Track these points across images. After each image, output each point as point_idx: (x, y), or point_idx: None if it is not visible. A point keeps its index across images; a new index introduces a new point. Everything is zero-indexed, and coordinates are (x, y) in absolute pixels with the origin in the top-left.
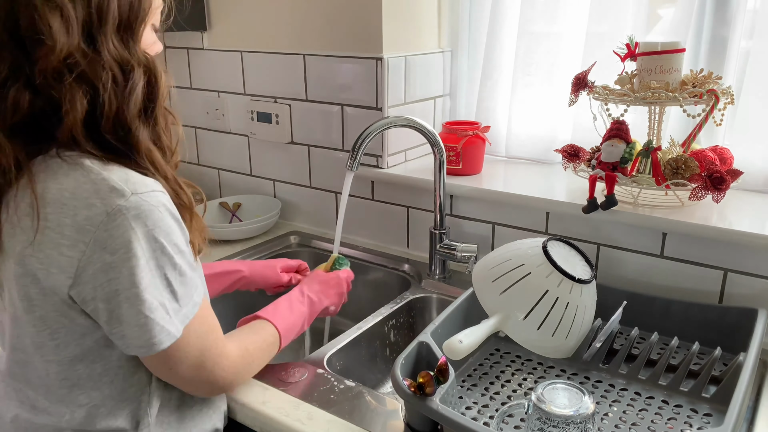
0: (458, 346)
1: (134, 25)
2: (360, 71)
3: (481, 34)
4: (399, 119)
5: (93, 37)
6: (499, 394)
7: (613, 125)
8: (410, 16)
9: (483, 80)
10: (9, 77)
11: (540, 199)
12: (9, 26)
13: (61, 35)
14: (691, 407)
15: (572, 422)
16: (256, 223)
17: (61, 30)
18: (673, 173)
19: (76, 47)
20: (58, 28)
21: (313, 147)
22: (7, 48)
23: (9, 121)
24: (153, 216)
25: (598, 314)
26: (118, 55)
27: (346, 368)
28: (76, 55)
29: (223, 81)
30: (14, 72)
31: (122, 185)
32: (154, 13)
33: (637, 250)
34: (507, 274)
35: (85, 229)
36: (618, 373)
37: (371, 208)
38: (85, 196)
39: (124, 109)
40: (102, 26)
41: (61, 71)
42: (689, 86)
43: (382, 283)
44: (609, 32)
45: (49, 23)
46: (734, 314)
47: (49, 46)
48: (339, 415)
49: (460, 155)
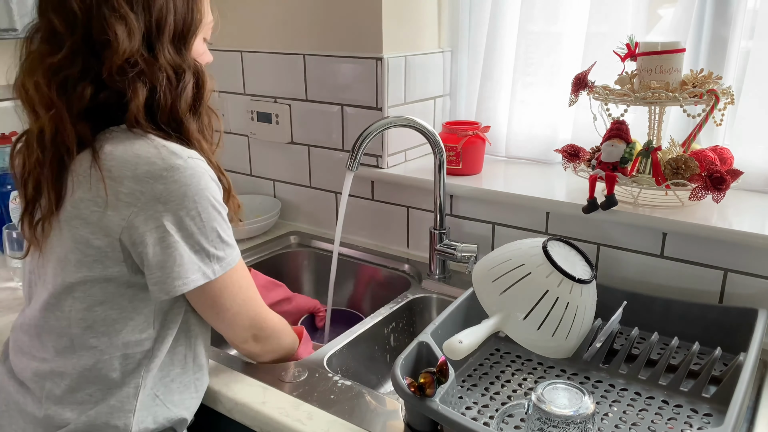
0: (458, 346)
1: (187, 37)
2: (360, 71)
3: (481, 34)
4: (399, 119)
5: (152, 45)
6: (499, 394)
7: (613, 125)
8: (410, 16)
9: (483, 80)
10: (80, 76)
11: (540, 199)
12: (84, 34)
13: (124, 39)
14: (691, 407)
15: (572, 422)
16: (256, 223)
17: (124, 35)
18: (673, 173)
19: (136, 51)
20: (122, 33)
21: (313, 147)
22: (80, 52)
23: (75, 109)
24: (205, 177)
25: (598, 314)
26: (172, 60)
27: (346, 368)
28: (136, 57)
29: (223, 81)
30: (84, 73)
31: (181, 150)
32: (206, 27)
33: (637, 250)
34: (507, 274)
35: (144, 180)
36: (618, 373)
37: (371, 208)
38: (147, 156)
39: (177, 104)
40: (160, 36)
41: (124, 69)
42: (689, 86)
43: (382, 283)
44: (609, 32)
45: (115, 30)
46: (734, 314)
47: (114, 48)
48: (339, 415)
49: (460, 155)
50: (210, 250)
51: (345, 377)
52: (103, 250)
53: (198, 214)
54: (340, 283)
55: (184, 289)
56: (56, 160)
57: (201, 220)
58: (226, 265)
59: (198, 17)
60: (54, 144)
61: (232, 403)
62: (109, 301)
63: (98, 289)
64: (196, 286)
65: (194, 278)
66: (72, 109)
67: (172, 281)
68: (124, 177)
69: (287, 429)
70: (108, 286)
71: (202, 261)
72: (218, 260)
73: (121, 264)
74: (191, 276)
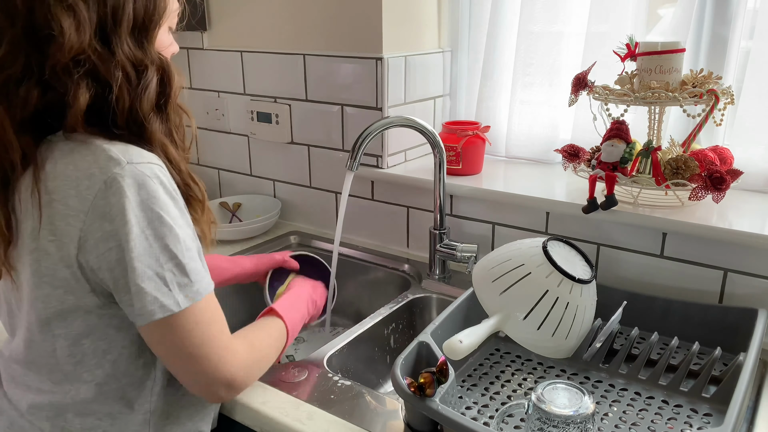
0: (458, 346)
1: (149, 28)
2: (360, 71)
3: (481, 34)
4: (399, 119)
5: (107, 38)
6: (499, 394)
7: (613, 125)
8: (410, 16)
9: (483, 80)
10: (22, 76)
11: (540, 199)
12: (25, 25)
13: (71, 33)
14: (691, 407)
15: (572, 422)
16: (256, 223)
17: (72, 28)
18: (673, 173)
19: (87, 45)
20: (69, 26)
21: (313, 147)
22: (21, 46)
23: (18, 117)
24: (148, 186)
25: (598, 314)
26: (132, 54)
27: (346, 368)
28: (87, 52)
29: (223, 81)
30: (27, 70)
31: (119, 155)
32: (170, 16)
33: (637, 250)
34: (507, 274)
35: (86, 198)
36: (618, 373)
37: (371, 208)
38: (86, 167)
39: (137, 105)
40: (116, 28)
41: (70, 67)
42: (689, 86)
43: (382, 283)
44: (609, 32)
45: (60, 22)
46: (734, 314)
47: (60, 43)
48: (339, 415)
49: (460, 155)
50: (166, 275)
51: (345, 377)
52: (69, 281)
53: (141, 231)
54: (340, 283)
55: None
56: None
57: (145, 239)
58: (194, 294)
59: (162, 5)
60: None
61: (232, 403)
62: (95, 332)
63: (80, 322)
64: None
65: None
66: (15, 117)
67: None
68: (68, 197)
69: (287, 429)
70: (89, 317)
71: (159, 290)
72: (180, 288)
73: (91, 294)
74: (148, 307)
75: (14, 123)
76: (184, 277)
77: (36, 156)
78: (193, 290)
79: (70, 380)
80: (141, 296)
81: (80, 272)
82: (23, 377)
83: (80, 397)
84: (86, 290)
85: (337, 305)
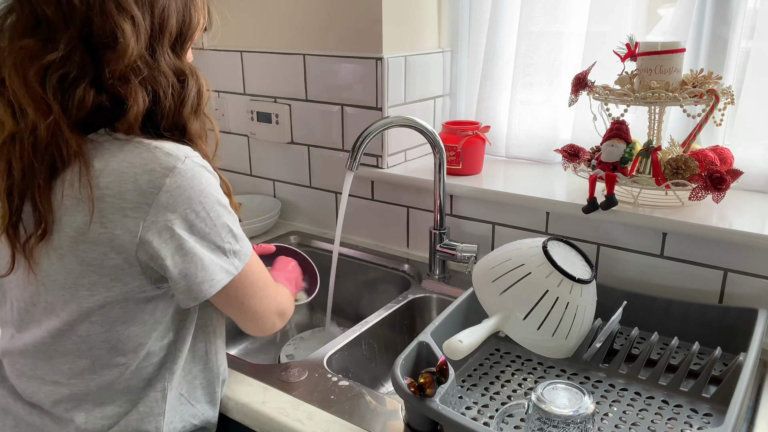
0: (458, 346)
1: (185, 40)
2: (360, 71)
3: (481, 34)
4: (399, 119)
5: (153, 47)
6: (499, 394)
7: (613, 125)
8: (410, 16)
9: (483, 80)
10: (78, 77)
11: (540, 199)
12: (83, 31)
13: (131, 40)
14: (691, 407)
15: (572, 422)
16: (256, 223)
17: (132, 36)
18: (673, 173)
19: (140, 54)
20: (130, 34)
21: (313, 147)
22: (78, 51)
23: (74, 117)
24: (205, 175)
25: (598, 314)
26: (173, 64)
27: (346, 368)
28: (139, 62)
29: (223, 81)
30: (82, 73)
31: (176, 151)
32: (200, 30)
33: (637, 250)
34: (507, 274)
35: (148, 192)
36: (618, 373)
37: (371, 208)
38: (143, 163)
39: (180, 110)
40: (161, 38)
41: (128, 74)
42: (689, 86)
43: (382, 283)
44: (609, 32)
45: (122, 28)
46: (734, 314)
47: (121, 50)
48: (339, 415)
49: (460, 155)
50: (226, 246)
51: (345, 377)
52: (120, 267)
53: (207, 215)
54: (340, 283)
55: (213, 291)
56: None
57: (211, 220)
58: (244, 257)
59: (195, 20)
60: (49, 153)
61: (232, 402)
62: (131, 318)
63: (118, 310)
64: (222, 285)
65: (220, 278)
66: (70, 116)
67: (198, 286)
68: (125, 191)
69: (287, 429)
70: (127, 305)
71: (221, 259)
72: (235, 254)
73: (141, 277)
74: (216, 277)
75: (70, 121)
76: (236, 243)
77: (85, 153)
78: (243, 253)
79: (96, 368)
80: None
81: (136, 260)
82: (34, 370)
83: (104, 382)
84: (137, 274)
85: (337, 305)
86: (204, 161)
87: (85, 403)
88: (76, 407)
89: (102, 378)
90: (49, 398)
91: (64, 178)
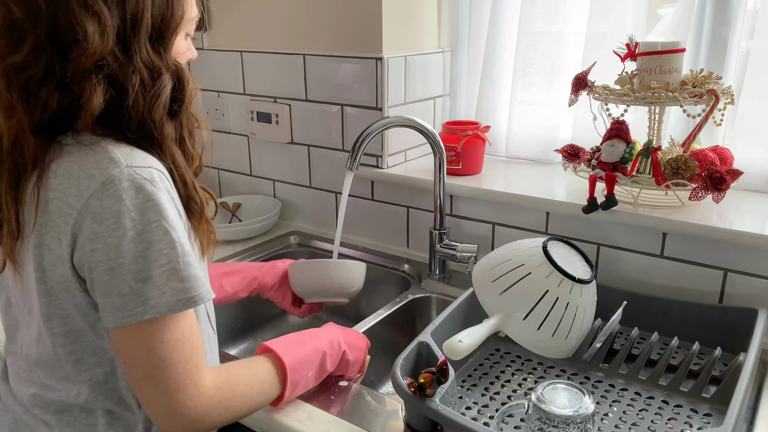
0: (458, 346)
1: (165, 35)
2: (360, 71)
3: (481, 34)
4: (399, 119)
5: (126, 44)
6: (499, 394)
7: (613, 125)
8: (410, 16)
9: (483, 80)
10: (43, 78)
11: (540, 199)
12: (48, 29)
13: (95, 39)
14: (691, 407)
15: (572, 422)
16: (256, 223)
17: (96, 34)
18: (673, 173)
19: (108, 51)
20: (93, 32)
21: (313, 147)
22: (44, 49)
23: (38, 119)
24: (145, 189)
25: (598, 314)
26: (149, 61)
27: None
28: (108, 58)
29: (223, 81)
30: (48, 73)
31: (120, 157)
32: (188, 23)
33: (637, 250)
34: (507, 274)
35: (82, 197)
36: (618, 373)
37: (371, 208)
38: (88, 167)
39: (150, 110)
40: (135, 34)
41: (91, 71)
42: (689, 86)
43: (382, 283)
44: (609, 32)
45: (85, 27)
46: (734, 314)
47: (84, 47)
48: (339, 415)
49: (460, 155)
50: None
51: None
52: (66, 278)
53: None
54: None
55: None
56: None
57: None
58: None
59: (179, 13)
60: (12, 157)
61: None
62: (95, 329)
63: (79, 320)
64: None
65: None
66: (34, 118)
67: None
68: (69, 195)
69: (287, 429)
70: (87, 316)
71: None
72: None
73: (84, 293)
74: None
75: (33, 124)
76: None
77: (45, 156)
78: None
79: (71, 379)
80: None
81: (73, 270)
82: (29, 373)
83: (82, 398)
84: (80, 289)
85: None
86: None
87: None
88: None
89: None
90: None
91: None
